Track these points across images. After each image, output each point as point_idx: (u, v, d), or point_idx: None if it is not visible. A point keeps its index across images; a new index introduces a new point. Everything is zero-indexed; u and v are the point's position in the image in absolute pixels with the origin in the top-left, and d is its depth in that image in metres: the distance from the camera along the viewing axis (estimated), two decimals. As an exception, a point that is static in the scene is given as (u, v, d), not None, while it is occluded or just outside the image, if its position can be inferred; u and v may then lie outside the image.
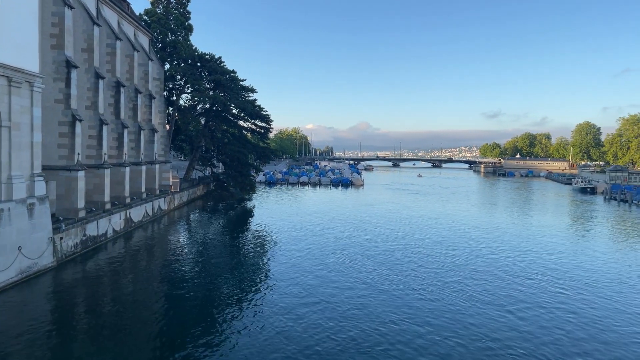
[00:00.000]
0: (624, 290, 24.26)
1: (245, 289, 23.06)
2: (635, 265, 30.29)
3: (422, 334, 17.67)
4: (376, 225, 43.68)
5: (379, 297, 21.95)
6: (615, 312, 20.85)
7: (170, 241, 36.33)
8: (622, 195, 74.41)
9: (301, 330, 17.69)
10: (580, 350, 16.74)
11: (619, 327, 19.11)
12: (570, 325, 19.09)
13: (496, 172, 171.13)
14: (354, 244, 34.40)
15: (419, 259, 30.00)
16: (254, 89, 67.69)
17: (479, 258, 30.90)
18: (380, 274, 26.05)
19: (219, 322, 18.69)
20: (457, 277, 25.89)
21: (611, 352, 16.61)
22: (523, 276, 26.58)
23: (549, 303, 21.84)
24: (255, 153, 70.09)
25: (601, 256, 32.84)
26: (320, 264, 27.92)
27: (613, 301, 22.43)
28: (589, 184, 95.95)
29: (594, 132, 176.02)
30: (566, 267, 29.14)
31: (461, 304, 21.39)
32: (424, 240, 36.58)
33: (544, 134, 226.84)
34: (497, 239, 38.49)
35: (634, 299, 22.81)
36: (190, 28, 61.55)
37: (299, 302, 20.85)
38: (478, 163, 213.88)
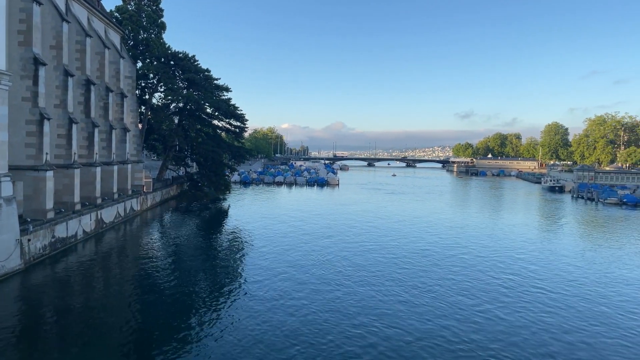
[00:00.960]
0: (592, 286, 25.03)
1: (219, 293, 22.80)
2: (601, 262, 31.28)
3: (397, 337, 17.82)
4: (352, 225, 43.92)
5: (353, 299, 21.84)
6: (585, 309, 21.50)
7: (142, 243, 35.75)
8: (589, 193, 76.72)
9: (276, 336, 17.55)
10: (554, 348, 17.22)
11: (589, 322, 19.73)
12: (539, 324, 19.58)
13: (469, 172, 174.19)
14: (330, 244, 34.46)
15: (395, 260, 30.28)
16: (229, 88, 67.16)
17: (453, 257, 31.41)
18: (355, 275, 26.05)
19: (191, 328, 18.41)
20: (433, 277, 26.25)
21: (585, 349, 17.15)
22: (494, 274, 27.14)
23: (521, 300, 22.36)
24: (230, 152, 69.51)
25: (570, 254, 33.79)
26: (296, 266, 27.84)
27: (582, 297, 23.12)
28: (557, 183, 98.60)
29: (562, 132, 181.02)
30: (536, 264, 29.86)
31: (436, 304, 21.70)
32: (399, 240, 36.96)
33: (515, 134, 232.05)
34: (471, 238, 39.18)
35: (597, 294, 23.55)
36: (163, 26, 60.63)
37: (274, 307, 20.71)
38: (451, 163, 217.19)
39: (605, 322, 19.74)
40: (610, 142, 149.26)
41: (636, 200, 68.65)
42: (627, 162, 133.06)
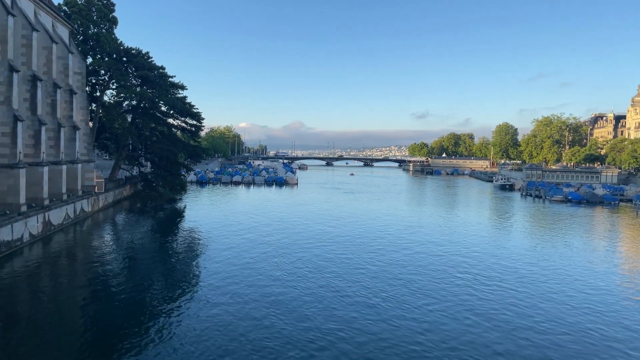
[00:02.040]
0: (540, 282, 26.19)
1: (175, 297, 22.20)
2: (550, 256, 32.77)
3: (348, 337, 17.93)
4: (311, 225, 44.02)
5: (309, 300, 21.67)
6: (531, 304, 22.44)
7: (94, 245, 34.49)
8: (537, 191, 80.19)
9: (231, 339, 17.34)
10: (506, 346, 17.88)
11: (535, 318, 20.61)
12: (491, 322, 20.29)
13: (424, 171, 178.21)
14: (289, 245, 34.31)
15: (351, 260, 30.50)
16: (184, 86, 65.82)
17: (408, 256, 32.01)
18: (312, 276, 25.93)
19: (146, 333, 17.91)
20: (387, 277, 26.67)
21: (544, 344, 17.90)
22: (448, 272, 27.87)
23: (474, 298, 23.10)
24: (185, 152, 68.12)
25: (519, 250, 35.22)
26: (253, 268, 27.55)
27: (530, 294, 24.13)
28: (507, 182, 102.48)
29: (512, 132, 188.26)
30: (488, 262, 30.90)
31: (388, 304, 22.07)
32: (357, 240, 37.27)
33: (468, 134, 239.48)
34: (426, 237, 40.11)
35: (545, 285, 24.66)
36: (115, 21, 58.64)
37: (230, 309, 20.48)
38: (407, 162, 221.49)
39: (551, 317, 20.63)
40: (556, 142, 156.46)
41: (580, 197, 72.33)
42: (572, 161, 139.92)
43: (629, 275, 28.71)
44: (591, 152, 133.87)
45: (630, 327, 19.36)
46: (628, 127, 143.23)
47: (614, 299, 23.17)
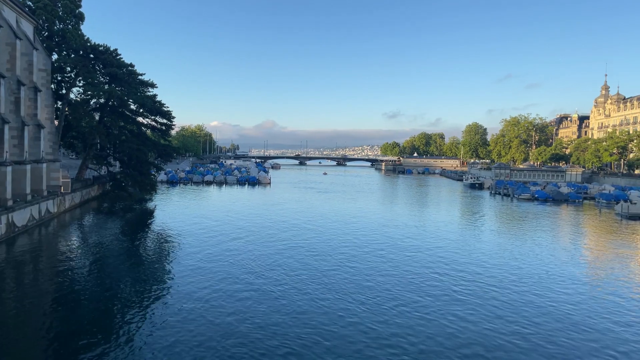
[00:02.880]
0: (509, 280, 26.81)
1: (144, 299, 21.76)
2: (518, 253, 33.57)
3: (314, 339, 17.91)
4: (285, 226, 43.85)
5: (283, 306, 21.32)
6: (501, 303, 22.95)
7: (59, 248, 33.51)
8: (505, 190, 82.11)
9: (201, 342, 17.15)
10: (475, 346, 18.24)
11: (503, 317, 21.09)
12: (461, 322, 20.68)
13: (396, 170, 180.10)
14: (262, 247, 33.85)
15: (326, 262, 30.39)
16: (154, 84, 64.60)
17: (380, 256, 32.25)
18: (286, 281, 25.27)
19: (115, 336, 17.54)
20: (366, 278, 26.84)
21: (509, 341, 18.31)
22: (420, 271, 28.22)
23: (444, 297, 23.49)
24: (156, 151, 66.92)
25: (489, 247, 35.98)
26: (225, 269, 27.21)
27: (500, 292, 24.69)
28: (477, 180, 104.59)
29: (481, 132, 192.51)
30: (460, 259, 31.45)
31: (358, 305, 22.22)
32: (330, 241, 37.24)
33: (439, 133, 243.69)
34: (400, 236, 40.51)
35: (515, 282, 25.27)
36: (81, 16, 57.07)
37: (201, 311, 20.26)
38: (379, 161, 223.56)
39: (522, 313, 21.14)
40: (524, 141, 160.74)
41: (546, 195, 74.42)
42: (538, 160, 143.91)
43: (594, 270, 29.66)
44: (556, 152, 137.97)
45: (600, 318, 20.01)
46: (591, 127, 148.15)
47: (582, 291, 23.88)
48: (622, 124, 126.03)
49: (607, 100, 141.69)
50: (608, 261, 32.33)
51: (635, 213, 53.79)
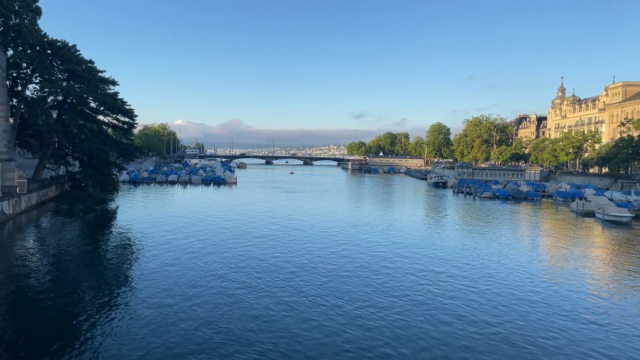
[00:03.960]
0: (475, 274, 27.47)
1: (106, 303, 21.06)
2: (479, 251, 34.44)
3: (283, 341, 17.77)
4: (251, 227, 43.44)
5: (249, 311, 20.93)
6: (461, 300, 23.49)
7: (15, 251, 32.11)
8: (468, 188, 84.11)
9: (164, 346, 16.90)
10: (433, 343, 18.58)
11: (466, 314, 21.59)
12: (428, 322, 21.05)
13: (362, 169, 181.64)
14: (228, 248, 33.35)
15: (294, 264, 30.18)
16: (115, 81, 62.77)
17: (347, 257, 32.49)
18: (253, 284, 24.72)
19: (74, 351, 17.00)
20: (325, 278, 26.91)
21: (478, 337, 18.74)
22: (387, 271, 28.56)
23: (407, 297, 23.86)
24: (117, 150, 65.12)
25: (453, 244, 36.77)
26: (189, 271, 26.58)
27: (461, 289, 25.27)
28: (441, 179, 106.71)
29: (444, 132, 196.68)
30: (422, 259, 31.98)
31: (324, 307, 22.30)
32: (299, 242, 36.93)
33: (403, 133, 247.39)
34: (367, 234, 40.86)
35: (474, 279, 25.92)
36: (39, 11, 54.83)
37: (163, 314, 19.89)
38: (346, 161, 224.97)
39: (483, 308, 21.69)
40: (485, 141, 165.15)
41: (506, 194, 76.68)
42: (499, 159, 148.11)
43: (551, 267, 30.75)
44: (516, 151, 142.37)
45: (557, 312, 20.74)
46: (549, 127, 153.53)
47: (539, 290, 24.67)
48: (578, 125, 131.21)
49: (563, 102, 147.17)
50: (564, 258, 33.58)
51: (590, 210, 56.10)
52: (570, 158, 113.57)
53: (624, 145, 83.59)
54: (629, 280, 27.34)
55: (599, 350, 17.00)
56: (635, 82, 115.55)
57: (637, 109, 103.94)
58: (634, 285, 26.05)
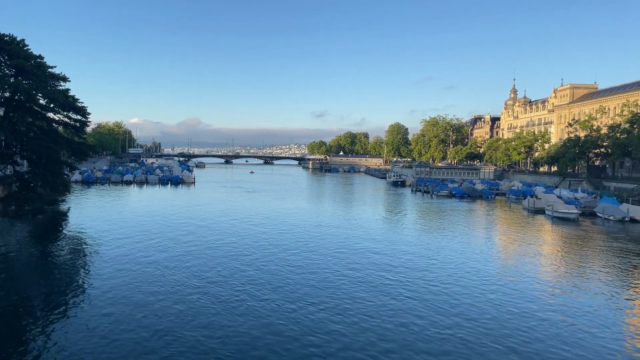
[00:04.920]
0: (431, 270, 28.05)
1: (55, 316, 20.07)
2: (436, 248, 35.23)
3: (234, 343, 17.65)
4: (210, 228, 42.76)
5: (204, 316, 20.62)
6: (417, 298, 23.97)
7: (-42, 255, 30.32)
8: (425, 187, 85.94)
9: (119, 351, 16.43)
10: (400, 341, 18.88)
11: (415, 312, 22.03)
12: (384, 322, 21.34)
13: (323, 168, 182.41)
14: (185, 251, 32.62)
15: (253, 266, 29.85)
16: (67, 77, 60.23)
17: (308, 257, 32.46)
18: (209, 288, 24.17)
19: (25, 350, 16.28)
20: (289, 279, 26.84)
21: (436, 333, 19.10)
22: (342, 269, 28.78)
23: (372, 291, 24.12)
24: (69, 149, 62.45)
25: (411, 241, 37.47)
26: (144, 280, 25.54)
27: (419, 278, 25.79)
28: (399, 178, 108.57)
29: (403, 132, 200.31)
30: (380, 256, 32.43)
31: (280, 308, 22.25)
32: (259, 243, 36.53)
33: (363, 133, 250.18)
34: (327, 234, 41.01)
35: (430, 278, 26.51)
36: (-18, 2, 52.00)
37: (118, 319, 19.33)
38: (307, 160, 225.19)
39: (437, 305, 22.18)
40: (442, 141, 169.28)
41: (462, 192, 78.85)
42: (455, 158, 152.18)
43: (506, 262, 31.88)
44: (471, 151, 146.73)
45: (512, 310, 21.47)
46: (502, 127, 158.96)
47: (496, 284, 25.49)
48: (529, 125, 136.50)
49: (515, 103, 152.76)
50: (518, 255, 34.87)
51: (540, 207, 58.50)
52: (522, 157, 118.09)
53: (571, 145, 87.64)
54: (578, 276, 28.62)
55: (555, 347, 17.31)
56: (581, 85, 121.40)
57: (584, 110, 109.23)
58: (583, 281, 27.27)
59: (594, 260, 32.52)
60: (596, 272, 28.74)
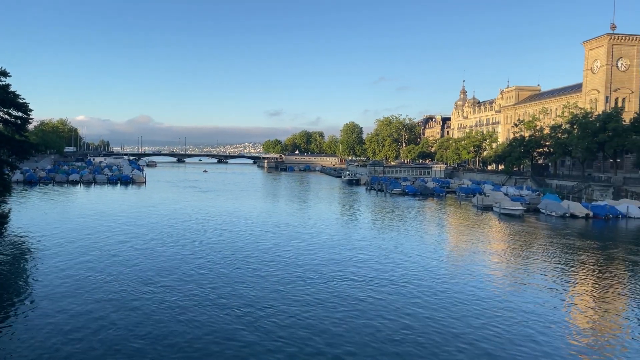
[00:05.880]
0: (387, 267, 28.48)
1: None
2: (389, 247, 35.80)
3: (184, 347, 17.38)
4: (161, 230, 41.53)
5: (149, 313, 20.37)
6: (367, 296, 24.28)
7: None
8: (379, 185, 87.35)
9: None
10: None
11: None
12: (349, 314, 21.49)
13: (278, 167, 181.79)
14: (135, 254, 31.53)
15: (207, 269, 29.17)
16: (7, 72, 56.59)
17: (266, 258, 32.20)
18: (159, 294, 23.67)
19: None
20: (242, 281, 26.52)
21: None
22: (296, 269, 28.76)
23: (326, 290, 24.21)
24: (9, 148, 59.03)
25: (365, 239, 37.91)
26: (91, 286, 24.39)
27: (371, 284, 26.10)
28: (354, 177, 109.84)
29: (357, 131, 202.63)
30: (335, 257, 32.65)
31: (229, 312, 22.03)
32: (212, 244, 35.78)
33: (319, 132, 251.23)
34: (282, 234, 40.80)
35: (384, 278, 26.93)
36: None
37: (60, 325, 18.53)
38: (262, 159, 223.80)
39: (379, 313, 22.58)
40: (395, 140, 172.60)
41: (415, 190, 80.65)
42: (408, 157, 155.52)
43: (457, 258, 32.85)
44: (423, 150, 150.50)
45: (463, 307, 22.11)
46: (452, 127, 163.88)
47: (449, 282, 26.17)
48: (477, 125, 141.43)
49: (464, 104, 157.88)
50: (468, 251, 35.99)
51: (488, 204, 60.73)
52: (472, 156, 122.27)
53: (517, 144, 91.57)
54: (524, 272, 29.86)
55: (506, 345, 17.55)
56: (526, 87, 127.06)
57: (528, 111, 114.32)
58: (530, 277, 28.41)
59: (539, 256, 34.00)
60: (541, 268, 30.02)
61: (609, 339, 18.73)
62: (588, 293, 24.71)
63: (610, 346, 17.86)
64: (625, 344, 18.10)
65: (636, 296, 24.30)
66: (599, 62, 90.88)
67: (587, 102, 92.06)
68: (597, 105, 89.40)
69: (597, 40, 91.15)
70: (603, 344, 18.13)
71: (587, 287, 25.81)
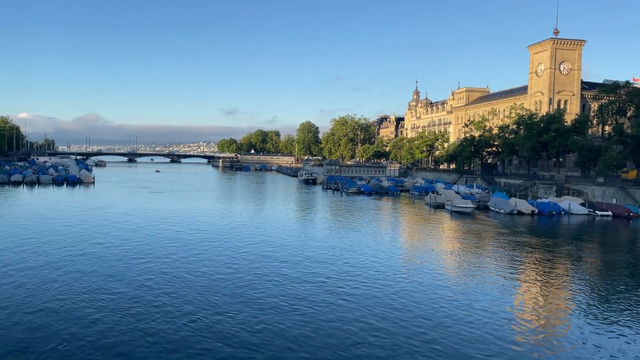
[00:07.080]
0: (341, 264, 28.58)
1: None
2: (344, 246, 35.98)
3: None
4: (109, 233, 39.80)
5: (97, 317, 19.67)
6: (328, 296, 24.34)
7: None
8: (336, 185, 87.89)
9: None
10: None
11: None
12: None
13: (234, 167, 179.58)
14: (82, 260, 30.06)
15: (164, 274, 28.50)
16: (-62, 67, 53.30)
17: (221, 260, 31.69)
18: (102, 304, 23.00)
19: None
20: (196, 283, 26.00)
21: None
22: (255, 270, 28.49)
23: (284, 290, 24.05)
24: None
25: (321, 238, 37.94)
26: (32, 294, 23.43)
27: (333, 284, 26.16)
28: (311, 176, 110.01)
29: (313, 130, 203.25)
30: (295, 256, 32.53)
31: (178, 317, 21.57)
32: (165, 248, 34.86)
33: (275, 131, 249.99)
34: (238, 235, 40.17)
35: (338, 279, 27.05)
36: None
37: (11, 329, 17.52)
38: (217, 158, 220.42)
39: (331, 315, 22.69)
40: (351, 140, 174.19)
41: (370, 189, 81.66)
42: (363, 157, 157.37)
43: (410, 256, 33.41)
44: (378, 149, 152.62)
45: (418, 306, 22.48)
46: (406, 127, 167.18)
47: (404, 280, 26.54)
48: (430, 125, 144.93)
49: (418, 104, 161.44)
50: (421, 249, 36.75)
51: (441, 203, 62.31)
52: (424, 156, 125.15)
53: (467, 144, 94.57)
54: (476, 268, 30.78)
55: (460, 344, 17.89)
56: (476, 88, 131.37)
57: (478, 112, 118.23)
58: (481, 273, 29.27)
59: (489, 252, 35.05)
60: (492, 265, 30.85)
61: (557, 335, 19.47)
62: (536, 288, 25.62)
63: (559, 343, 18.50)
64: (572, 338, 18.89)
65: (580, 290, 25.54)
66: (543, 66, 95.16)
67: (532, 104, 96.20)
68: (541, 106, 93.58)
69: (541, 45, 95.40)
70: (550, 339, 18.81)
71: (534, 284, 26.75)
